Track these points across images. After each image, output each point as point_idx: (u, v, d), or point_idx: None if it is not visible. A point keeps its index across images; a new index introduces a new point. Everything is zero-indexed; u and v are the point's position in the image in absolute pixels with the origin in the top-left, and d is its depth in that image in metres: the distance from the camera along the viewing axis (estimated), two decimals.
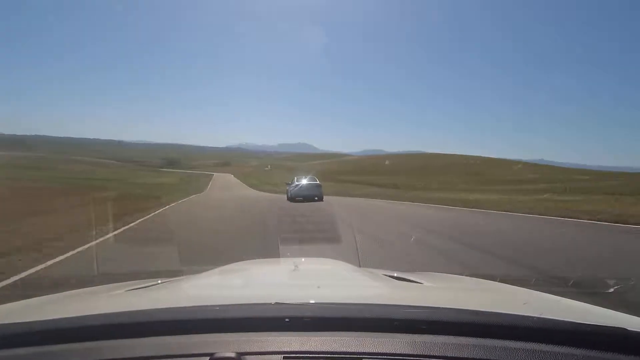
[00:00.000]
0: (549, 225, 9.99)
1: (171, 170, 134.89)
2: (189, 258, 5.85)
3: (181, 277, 2.12)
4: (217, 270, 2.16)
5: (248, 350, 0.95)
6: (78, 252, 6.91)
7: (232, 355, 0.92)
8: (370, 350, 0.95)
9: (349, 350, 0.95)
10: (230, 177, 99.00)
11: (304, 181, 21.08)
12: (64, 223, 10.73)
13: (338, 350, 0.95)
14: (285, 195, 22.63)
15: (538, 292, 1.73)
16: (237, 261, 2.54)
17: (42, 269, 5.61)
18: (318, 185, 20.82)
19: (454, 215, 13.65)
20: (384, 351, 0.95)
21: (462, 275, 2.75)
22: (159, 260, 5.84)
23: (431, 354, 0.94)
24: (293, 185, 21.29)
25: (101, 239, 8.28)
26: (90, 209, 13.44)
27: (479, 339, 0.99)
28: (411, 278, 1.96)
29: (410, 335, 1.01)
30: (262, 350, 0.95)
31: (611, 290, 3.42)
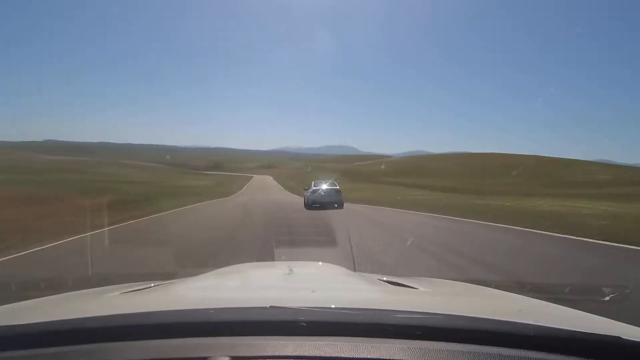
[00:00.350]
0: None
1: (213, 173, 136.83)
2: None
3: (175, 280, 2.10)
4: (212, 273, 2.17)
5: (242, 354, 0.95)
6: None
7: (227, 359, 0.93)
8: (365, 356, 0.95)
9: (343, 355, 0.95)
10: (269, 179, 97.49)
11: (323, 186, 19.40)
12: None
13: (332, 355, 0.95)
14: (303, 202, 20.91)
15: (534, 299, 1.74)
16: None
17: None
18: (337, 191, 19.15)
19: None
20: (378, 357, 0.95)
21: (457, 280, 2.67)
22: None
23: (425, 359, 0.94)
24: (311, 190, 19.58)
25: None
26: (53, 221, 11.70)
27: (474, 345, 0.99)
28: (406, 283, 1.95)
29: (405, 340, 1.01)
30: (257, 354, 0.96)
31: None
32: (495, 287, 2.24)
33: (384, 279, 2.04)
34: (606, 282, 4.71)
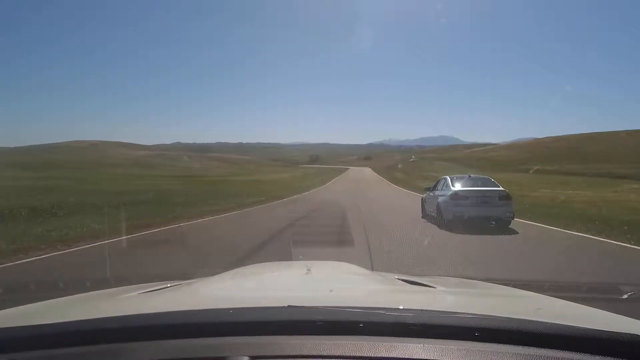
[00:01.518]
0: None
1: (309, 166, 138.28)
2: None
3: (193, 280, 2.10)
4: (229, 273, 2.18)
5: (261, 353, 0.95)
6: None
7: (246, 358, 0.93)
8: (383, 355, 0.95)
9: (362, 354, 0.95)
10: (367, 171, 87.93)
11: (478, 185, 10.71)
12: None
13: (350, 354, 0.95)
14: (421, 211, 12.95)
15: (551, 297, 1.76)
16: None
17: None
18: (503, 196, 10.17)
19: None
20: (397, 356, 0.95)
21: (474, 279, 2.69)
22: None
23: (444, 358, 0.94)
24: (444, 192, 10.82)
25: None
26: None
27: (491, 344, 0.99)
28: (424, 282, 1.95)
29: (423, 340, 1.01)
30: (275, 353, 0.96)
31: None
32: (513, 286, 2.22)
33: (402, 278, 2.03)
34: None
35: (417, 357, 0.94)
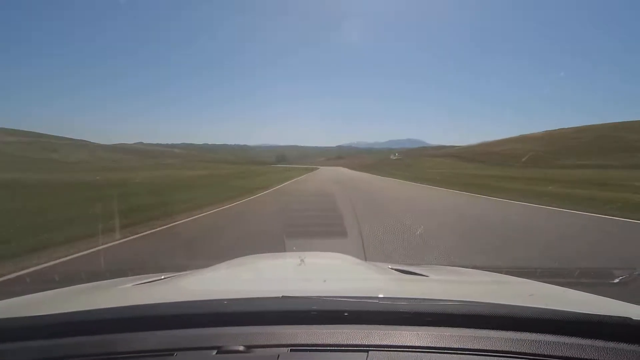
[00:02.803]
0: None
1: (274, 165, 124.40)
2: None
3: (187, 272, 2.05)
4: (223, 264, 2.14)
5: (256, 343, 0.96)
6: None
7: (240, 348, 0.94)
8: (377, 343, 0.95)
9: (355, 342, 0.95)
10: (344, 171, 72.57)
11: None
12: None
13: (344, 342, 0.95)
14: None
15: (544, 283, 1.75)
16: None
17: None
18: None
19: None
20: (390, 344, 0.95)
21: (467, 267, 2.70)
22: None
23: (437, 345, 0.95)
24: None
25: None
26: None
27: (485, 330, 1.00)
28: (417, 271, 1.96)
29: (417, 327, 1.02)
30: (270, 343, 0.96)
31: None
32: (506, 273, 2.23)
33: (395, 267, 2.04)
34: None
35: (411, 344, 0.95)
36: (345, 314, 1.05)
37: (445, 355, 0.93)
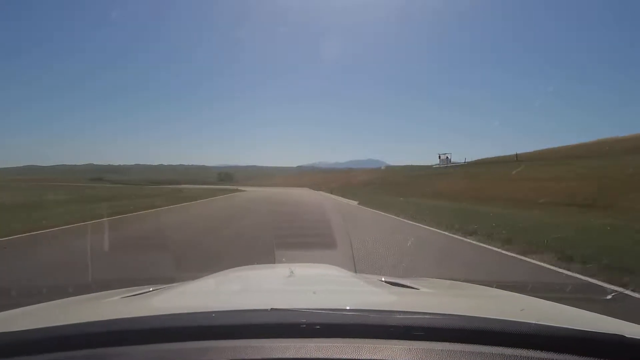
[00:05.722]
0: None
1: (191, 186, 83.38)
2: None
3: (176, 284, 2.05)
4: (212, 276, 2.14)
5: (243, 356, 0.95)
6: None
7: None
8: (367, 357, 0.94)
9: (345, 357, 0.95)
10: (303, 193, 44.70)
11: None
12: None
13: (334, 356, 0.95)
14: None
15: (535, 298, 1.75)
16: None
17: None
18: None
19: None
20: (381, 358, 0.95)
21: (458, 281, 2.66)
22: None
23: None
24: None
25: None
26: None
27: (476, 345, 0.99)
28: (408, 284, 1.94)
29: (407, 341, 1.01)
30: (259, 357, 0.96)
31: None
32: (497, 287, 2.28)
33: (385, 280, 2.04)
34: None
35: (401, 359, 0.94)
36: (336, 327, 1.04)
37: None
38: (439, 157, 62.14)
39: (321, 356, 0.94)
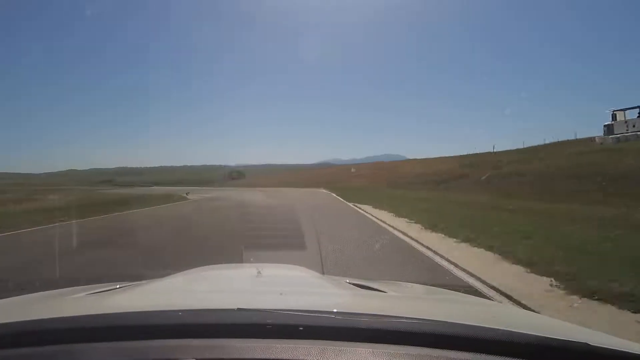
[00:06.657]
0: None
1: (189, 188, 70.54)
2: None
3: (143, 282, 2.05)
4: (179, 274, 2.15)
5: (209, 356, 0.95)
6: None
7: None
8: (332, 359, 0.95)
9: (310, 358, 0.95)
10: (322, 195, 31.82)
11: None
12: None
13: (299, 357, 0.95)
14: None
15: (506, 304, 1.88)
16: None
17: None
18: None
19: None
20: None
21: (427, 285, 2.65)
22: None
23: None
24: None
25: None
26: None
27: (444, 350, 0.99)
28: (375, 286, 1.95)
29: (373, 344, 1.01)
30: (224, 356, 0.96)
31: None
32: (464, 292, 2.29)
33: (353, 282, 2.06)
34: None
35: None
36: (301, 328, 1.04)
37: None
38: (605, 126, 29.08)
39: (286, 357, 0.95)
